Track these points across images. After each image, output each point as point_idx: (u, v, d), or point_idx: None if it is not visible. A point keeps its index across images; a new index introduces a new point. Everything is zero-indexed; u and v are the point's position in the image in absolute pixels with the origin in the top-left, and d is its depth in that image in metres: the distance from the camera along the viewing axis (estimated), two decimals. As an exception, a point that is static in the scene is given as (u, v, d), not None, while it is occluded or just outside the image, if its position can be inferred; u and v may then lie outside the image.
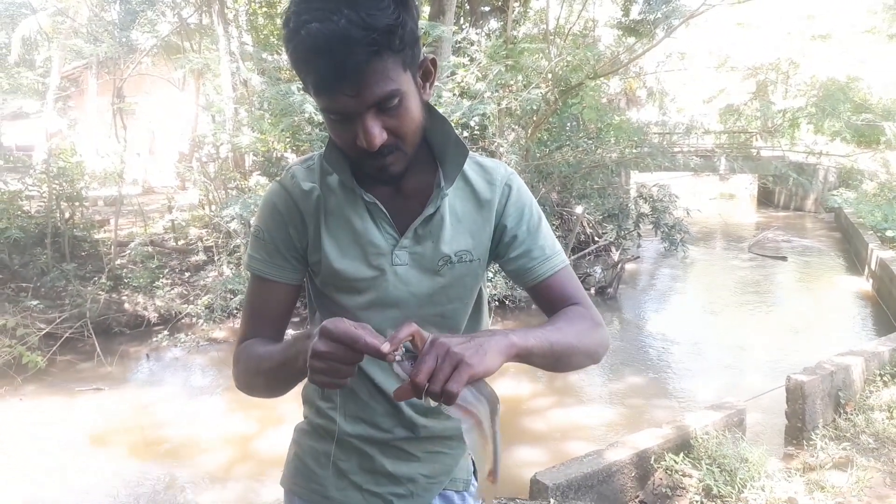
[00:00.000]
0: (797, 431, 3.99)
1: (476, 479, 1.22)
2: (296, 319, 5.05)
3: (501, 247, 1.07)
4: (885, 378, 4.47)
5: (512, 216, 1.06)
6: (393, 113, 0.89)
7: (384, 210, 1.01)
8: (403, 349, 0.79)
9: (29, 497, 4.02)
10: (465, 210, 1.05)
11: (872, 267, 9.00)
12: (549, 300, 1.08)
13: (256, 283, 1.08)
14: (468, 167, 1.07)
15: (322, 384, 0.81)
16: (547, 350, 0.90)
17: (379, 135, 0.89)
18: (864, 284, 9.26)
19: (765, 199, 19.19)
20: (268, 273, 1.06)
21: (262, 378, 1.01)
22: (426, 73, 0.96)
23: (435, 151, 1.03)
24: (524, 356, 0.86)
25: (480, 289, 1.15)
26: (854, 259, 10.87)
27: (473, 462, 1.21)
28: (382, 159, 0.93)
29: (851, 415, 4.07)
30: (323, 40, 0.82)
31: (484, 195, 1.06)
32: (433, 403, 0.78)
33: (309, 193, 1.04)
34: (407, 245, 1.02)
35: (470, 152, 1.09)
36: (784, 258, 11.24)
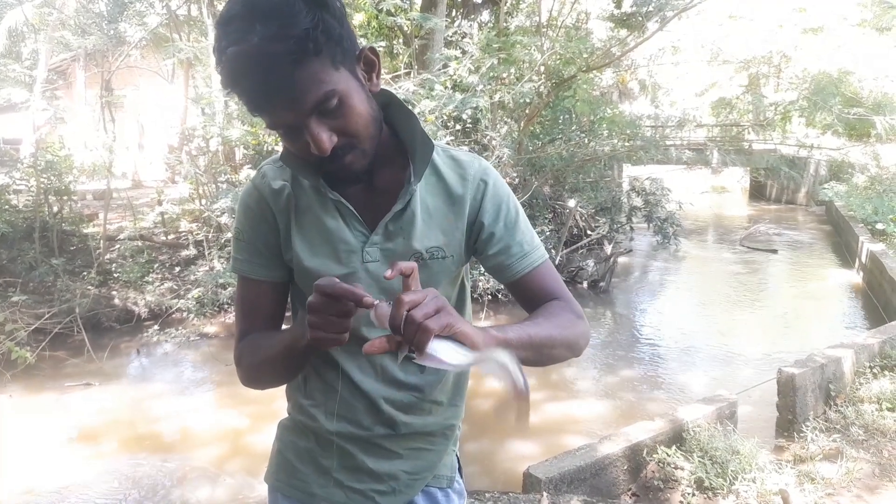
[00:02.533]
0: (788, 424, 4.02)
1: (461, 475, 1.21)
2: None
3: (479, 244, 1.06)
4: (874, 370, 4.50)
5: (489, 212, 1.04)
6: (336, 114, 0.88)
7: (350, 207, 1.00)
8: (385, 300, 0.80)
9: (20, 494, 3.99)
10: (436, 206, 1.03)
11: (863, 260, 9.06)
12: (528, 296, 1.07)
13: (244, 284, 1.09)
14: (441, 161, 1.05)
15: (321, 340, 0.82)
16: (526, 343, 0.89)
17: (328, 139, 0.88)
18: (855, 277, 9.32)
19: (756, 192, 19.28)
20: (252, 273, 1.07)
21: (269, 365, 1.01)
22: (368, 63, 0.94)
23: (405, 146, 1.02)
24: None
25: (462, 286, 1.13)
26: (845, 252, 10.94)
27: (458, 459, 1.21)
28: (341, 160, 0.92)
29: (842, 407, 4.09)
30: (242, 63, 0.82)
31: (456, 190, 1.04)
32: (401, 355, 0.77)
33: (279, 192, 1.03)
34: (378, 241, 1.01)
35: (444, 146, 1.08)
36: (775, 251, 11.30)
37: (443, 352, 0.77)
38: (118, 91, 14.63)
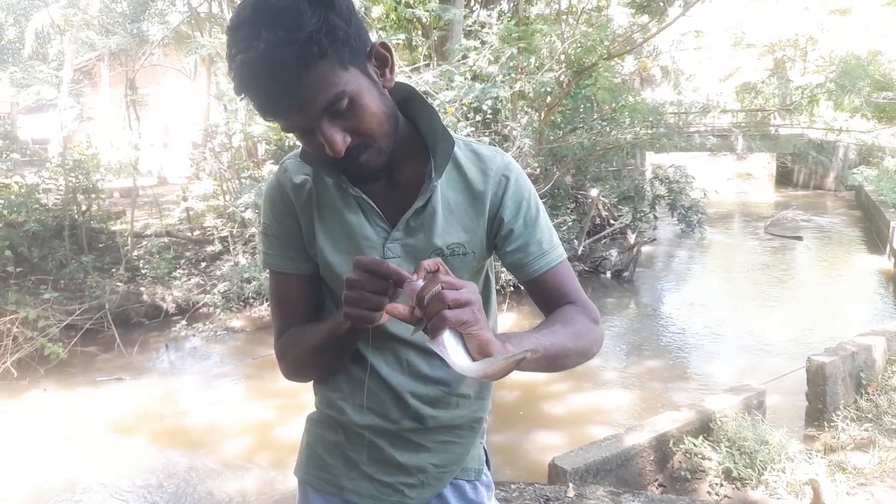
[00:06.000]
0: (818, 413, 3.96)
1: (488, 467, 1.21)
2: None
3: (499, 240, 1.05)
4: (908, 358, 4.41)
5: (509, 209, 1.03)
6: (348, 114, 0.87)
7: (371, 203, 1.00)
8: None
9: (55, 486, 4.09)
10: (458, 201, 1.03)
11: (894, 245, 8.86)
12: (544, 296, 1.06)
13: (276, 279, 1.09)
14: (463, 156, 1.04)
15: (354, 316, 0.83)
16: (541, 357, 0.88)
17: (342, 140, 0.88)
18: (886, 263, 9.12)
19: (783, 178, 18.93)
20: (283, 267, 1.07)
21: (315, 355, 1.03)
22: (381, 59, 0.92)
23: (426, 141, 1.01)
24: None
25: (487, 279, 1.13)
26: (875, 237, 10.71)
27: (486, 451, 1.21)
28: (356, 160, 0.92)
29: (873, 395, 4.02)
30: (249, 70, 0.82)
31: (477, 186, 1.03)
32: (415, 331, 0.77)
33: (301, 186, 1.04)
34: (399, 237, 1.01)
35: (466, 139, 1.07)
36: (800, 238, 11.10)
37: (451, 348, 0.75)
38: (142, 89, 14.83)
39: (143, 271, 7.50)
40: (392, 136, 0.94)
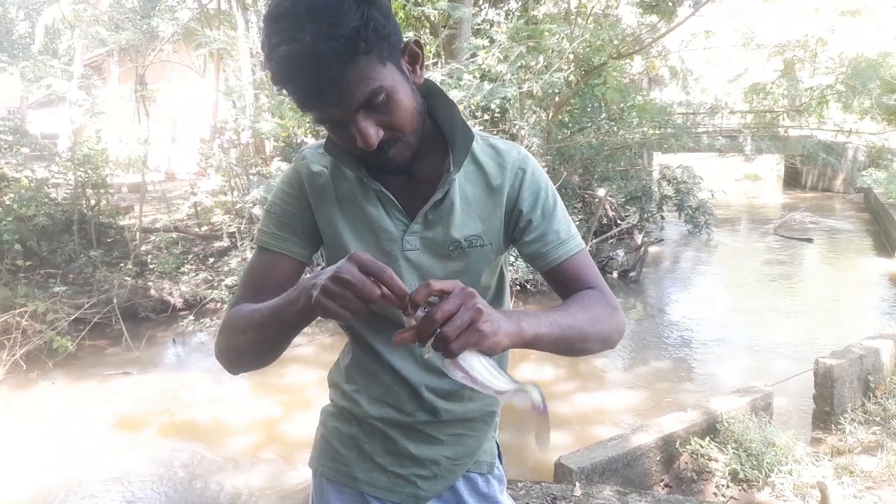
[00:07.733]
0: (825, 416, 3.95)
1: (500, 461, 1.22)
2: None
3: (517, 231, 1.06)
4: (916, 361, 4.39)
5: (527, 200, 1.05)
6: (383, 109, 0.89)
7: (391, 196, 1.01)
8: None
9: (62, 478, 4.12)
10: (475, 194, 1.04)
11: (903, 248, 8.82)
12: (564, 284, 1.07)
13: (260, 255, 1.08)
14: (481, 150, 1.06)
15: (327, 309, 0.79)
16: (558, 337, 0.89)
17: (375, 134, 0.89)
18: (894, 266, 9.07)
19: (792, 179, 18.85)
20: (274, 245, 1.06)
21: (249, 334, 0.96)
22: (412, 56, 0.94)
23: (445, 135, 1.02)
24: (532, 343, 0.85)
25: (501, 275, 1.14)
26: (884, 240, 10.66)
27: (498, 445, 1.22)
28: (385, 154, 0.93)
29: (881, 399, 4.01)
30: (293, 62, 0.83)
31: (495, 180, 1.04)
32: (428, 353, 0.77)
33: (317, 175, 1.05)
34: (417, 230, 1.02)
35: (484, 134, 1.09)
36: (810, 240, 11.05)
37: (472, 368, 0.76)
38: (151, 85, 14.87)
39: (151, 266, 7.53)
40: (420, 131, 0.96)
